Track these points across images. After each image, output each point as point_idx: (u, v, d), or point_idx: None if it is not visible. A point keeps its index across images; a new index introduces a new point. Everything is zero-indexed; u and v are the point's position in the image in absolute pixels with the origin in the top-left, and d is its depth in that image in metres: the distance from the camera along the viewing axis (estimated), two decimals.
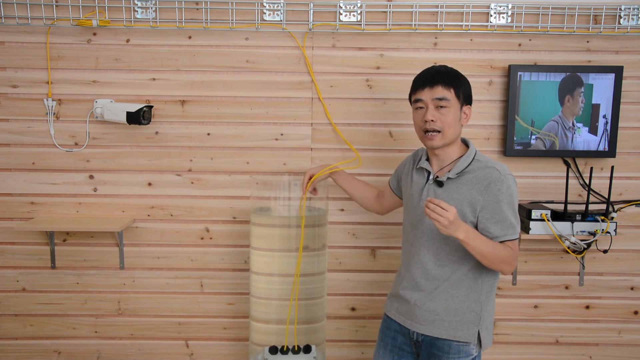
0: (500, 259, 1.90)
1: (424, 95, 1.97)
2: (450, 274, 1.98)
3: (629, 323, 2.79)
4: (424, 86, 1.97)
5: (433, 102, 1.95)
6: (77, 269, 2.76)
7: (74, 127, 2.67)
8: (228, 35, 2.63)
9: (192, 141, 2.69)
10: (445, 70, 2.00)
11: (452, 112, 1.95)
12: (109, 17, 2.59)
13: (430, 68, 2.03)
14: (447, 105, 1.95)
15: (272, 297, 2.49)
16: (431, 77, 1.97)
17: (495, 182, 1.91)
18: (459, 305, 1.98)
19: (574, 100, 2.59)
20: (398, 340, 2.09)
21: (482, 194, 1.92)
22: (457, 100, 1.97)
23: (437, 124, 1.95)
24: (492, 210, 1.91)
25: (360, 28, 2.60)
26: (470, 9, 2.58)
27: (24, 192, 2.71)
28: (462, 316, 1.98)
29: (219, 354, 2.82)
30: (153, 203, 2.72)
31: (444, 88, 1.95)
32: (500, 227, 1.92)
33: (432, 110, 1.95)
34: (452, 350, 1.98)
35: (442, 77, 1.96)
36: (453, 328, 1.98)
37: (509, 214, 1.92)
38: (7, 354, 2.81)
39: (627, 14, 2.58)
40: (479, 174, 1.94)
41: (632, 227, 2.72)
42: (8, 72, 2.64)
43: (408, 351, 2.08)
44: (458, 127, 1.99)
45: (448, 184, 1.97)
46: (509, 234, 1.92)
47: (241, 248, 2.75)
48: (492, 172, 1.93)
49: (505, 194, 1.91)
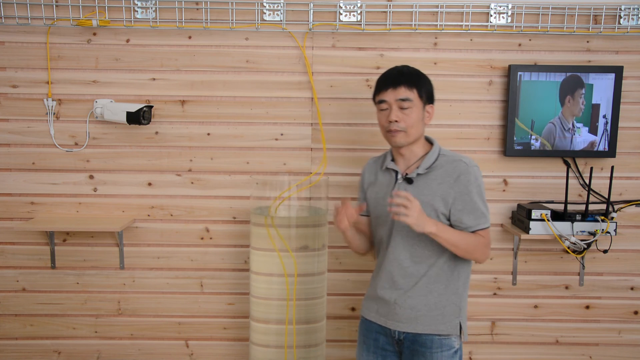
0: (473, 247, 1.96)
1: (387, 96, 2.01)
2: (427, 269, 2.01)
3: (629, 323, 2.79)
4: (387, 87, 2.01)
5: (396, 103, 1.99)
6: (77, 269, 2.76)
7: (74, 127, 2.67)
8: (228, 35, 2.63)
9: (192, 141, 2.69)
10: (407, 71, 2.04)
11: (415, 112, 2.00)
12: (109, 17, 2.59)
13: (393, 69, 2.07)
14: (410, 105, 1.99)
15: (272, 297, 2.49)
16: (394, 78, 2.01)
17: (464, 173, 1.97)
18: (438, 299, 2.01)
19: (575, 101, 2.59)
20: (380, 341, 2.10)
21: (452, 186, 1.97)
22: (420, 100, 2.02)
23: (401, 124, 1.99)
24: (463, 202, 1.97)
25: (360, 28, 2.60)
26: (470, 9, 2.58)
27: (24, 192, 2.71)
28: (442, 309, 2.02)
29: (219, 354, 2.82)
30: (153, 203, 2.72)
31: (407, 89, 1.99)
32: (473, 217, 1.98)
33: (395, 111, 1.99)
34: (435, 344, 2.01)
35: (405, 78, 2.01)
36: (435, 322, 2.01)
37: (479, 204, 1.99)
38: (7, 354, 2.81)
39: (627, 14, 2.58)
40: (447, 168, 2.00)
41: (632, 227, 2.72)
42: (8, 72, 2.64)
43: (391, 350, 2.09)
44: (421, 126, 2.04)
45: (418, 181, 2.01)
46: (481, 223, 1.99)
47: (241, 248, 2.75)
48: (459, 165, 1.99)
49: (474, 184, 1.98)
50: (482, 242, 1.99)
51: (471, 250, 1.97)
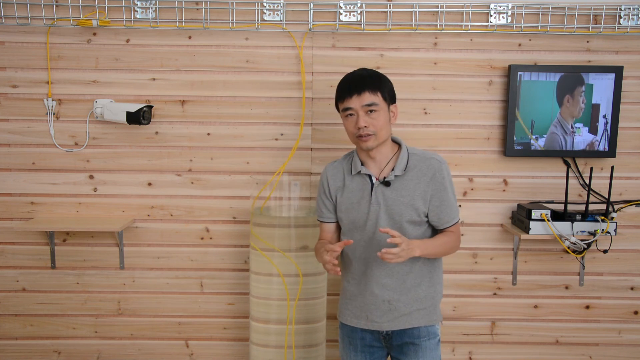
0: (450, 247, 2.06)
1: (352, 103, 2.00)
2: (410, 267, 2.03)
3: (629, 323, 2.79)
4: (352, 94, 2.00)
5: (363, 109, 1.99)
6: (77, 269, 2.76)
7: (74, 127, 2.67)
8: (228, 35, 2.63)
9: (192, 141, 2.69)
10: (368, 75, 2.03)
11: (382, 115, 2.00)
12: (109, 17, 2.59)
13: (353, 74, 2.06)
14: (377, 109, 2.00)
15: (272, 297, 2.49)
16: (357, 84, 2.00)
17: (438, 171, 2.02)
18: (427, 292, 2.07)
19: (574, 101, 2.58)
20: (367, 339, 2.11)
21: (429, 184, 2.01)
22: (385, 102, 2.02)
23: (370, 128, 1.99)
24: (440, 198, 2.02)
25: (360, 28, 2.60)
26: (470, 9, 2.58)
27: (24, 192, 2.71)
28: (432, 300, 2.08)
29: (219, 354, 2.82)
30: (153, 203, 2.72)
31: (371, 93, 1.99)
32: (449, 213, 2.04)
33: (363, 117, 1.99)
34: (422, 333, 2.06)
35: (368, 82, 2.00)
36: (429, 314, 2.07)
37: (452, 199, 2.06)
38: (7, 354, 2.81)
39: (627, 14, 2.58)
40: (420, 167, 2.03)
41: (632, 227, 2.72)
42: (8, 72, 2.64)
43: (378, 346, 2.11)
44: (389, 128, 2.05)
45: (395, 182, 2.02)
46: (455, 217, 2.06)
47: (241, 248, 2.75)
48: (433, 163, 2.03)
49: (448, 180, 2.04)
50: (456, 239, 2.08)
51: (449, 250, 2.07)
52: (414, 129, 2.65)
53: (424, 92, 2.65)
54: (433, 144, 2.67)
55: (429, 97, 2.65)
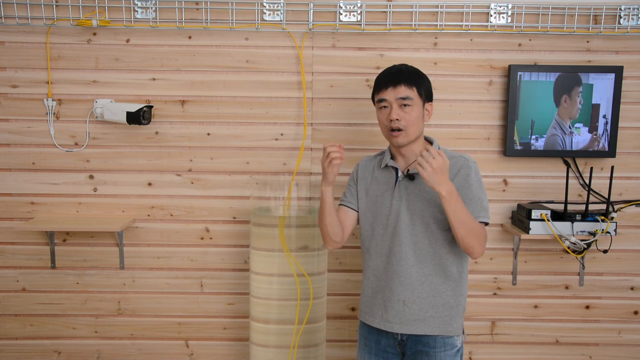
0: (476, 233, 1.91)
1: (387, 94, 2.01)
2: (433, 270, 2.00)
3: (629, 323, 2.79)
4: (387, 86, 2.01)
5: (397, 102, 2.00)
6: (77, 269, 2.76)
7: (74, 127, 2.68)
8: (228, 35, 2.63)
9: (192, 141, 2.69)
10: (407, 70, 2.04)
11: (415, 111, 2.00)
12: (109, 17, 2.59)
13: (392, 68, 2.07)
14: (411, 104, 1.99)
15: (272, 297, 2.49)
16: (394, 77, 2.01)
17: (464, 167, 1.99)
18: (446, 300, 2.01)
19: (572, 101, 2.58)
20: (382, 342, 2.08)
21: (453, 179, 1.96)
22: (420, 99, 2.02)
23: (402, 122, 1.99)
24: (463, 194, 1.95)
25: (360, 28, 2.60)
26: (470, 9, 2.58)
27: (24, 192, 2.71)
28: (450, 310, 2.02)
29: (219, 354, 2.82)
30: (153, 203, 2.72)
31: (407, 87, 1.99)
32: (474, 207, 1.96)
33: (396, 109, 1.99)
34: (438, 344, 2.01)
35: (405, 76, 2.01)
36: (444, 323, 2.01)
37: (481, 196, 1.98)
38: (7, 354, 2.81)
39: (627, 14, 2.58)
40: None
41: (632, 227, 2.72)
42: (8, 72, 2.64)
43: (393, 352, 2.07)
44: (421, 125, 2.04)
45: (419, 177, 2.00)
46: (481, 216, 1.97)
47: (241, 248, 2.75)
48: (459, 160, 2.01)
49: (475, 178, 1.99)
50: (484, 233, 1.95)
51: (473, 234, 1.90)
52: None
53: None
54: None
55: None
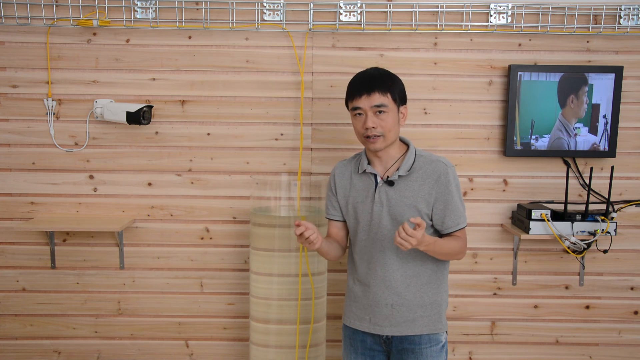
0: (457, 251, 2.02)
1: (361, 103, 1.99)
2: (418, 271, 2.02)
3: (629, 323, 2.79)
4: (361, 93, 1.98)
5: (372, 109, 1.98)
6: (77, 269, 2.76)
7: (74, 127, 2.67)
8: (228, 35, 2.63)
9: (192, 141, 2.69)
10: (379, 75, 2.01)
11: (390, 117, 1.99)
12: (109, 17, 2.59)
13: (365, 73, 2.03)
14: (386, 110, 1.98)
15: (272, 297, 2.49)
16: (367, 84, 1.99)
17: (444, 174, 2.00)
18: (433, 299, 2.04)
19: (579, 101, 2.58)
20: (367, 342, 2.09)
21: (433, 187, 1.99)
22: (394, 104, 2.00)
23: (378, 129, 1.98)
24: (444, 202, 1.99)
25: (360, 28, 2.60)
26: (470, 9, 2.58)
27: (24, 192, 2.71)
28: (437, 308, 2.06)
29: (219, 354, 2.82)
30: (153, 203, 2.72)
31: (381, 94, 1.97)
32: (453, 218, 2.01)
33: (371, 117, 1.97)
34: (424, 340, 2.03)
35: (378, 83, 1.98)
36: (433, 322, 2.04)
37: (459, 204, 2.02)
38: (7, 354, 2.81)
39: (627, 14, 2.58)
40: (426, 169, 2.01)
41: (632, 227, 2.72)
42: (8, 72, 2.64)
43: (378, 350, 2.09)
44: (398, 129, 2.03)
45: (398, 183, 2.01)
46: (460, 223, 2.02)
47: (241, 248, 2.75)
48: (439, 166, 2.01)
49: (454, 184, 2.01)
50: (462, 244, 2.03)
51: (455, 252, 2.02)
52: (414, 129, 2.65)
53: (424, 92, 2.65)
54: (433, 144, 2.67)
55: (429, 97, 2.65)
